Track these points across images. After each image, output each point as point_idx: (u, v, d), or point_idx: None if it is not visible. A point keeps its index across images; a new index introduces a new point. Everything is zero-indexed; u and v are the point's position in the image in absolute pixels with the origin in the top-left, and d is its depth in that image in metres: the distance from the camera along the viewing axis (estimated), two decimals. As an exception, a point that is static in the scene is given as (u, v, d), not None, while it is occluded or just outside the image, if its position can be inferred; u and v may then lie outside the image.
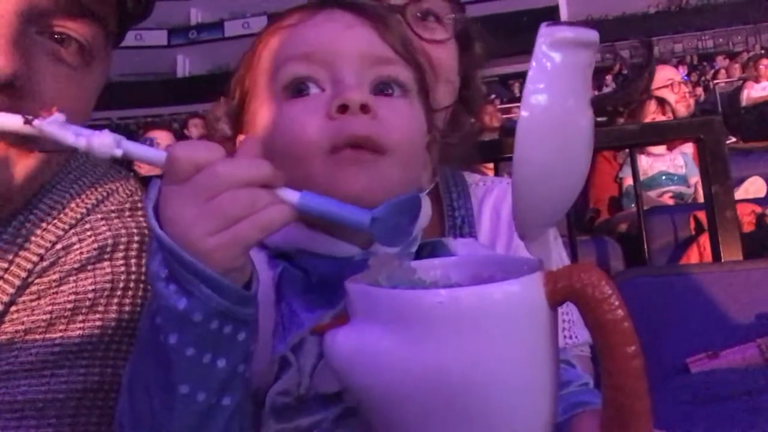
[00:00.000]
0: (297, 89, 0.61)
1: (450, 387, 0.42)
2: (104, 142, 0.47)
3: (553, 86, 0.43)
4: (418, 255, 0.63)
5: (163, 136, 3.89)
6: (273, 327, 0.56)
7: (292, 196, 0.48)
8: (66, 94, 0.59)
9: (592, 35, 0.43)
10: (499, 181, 1.00)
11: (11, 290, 0.60)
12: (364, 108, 0.57)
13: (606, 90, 8.35)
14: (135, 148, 0.48)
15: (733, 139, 3.86)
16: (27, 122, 0.49)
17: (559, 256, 0.82)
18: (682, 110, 3.30)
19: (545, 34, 0.43)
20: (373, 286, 0.46)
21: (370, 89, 0.61)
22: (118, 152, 0.48)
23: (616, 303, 0.41)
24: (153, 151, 0.48)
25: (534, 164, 0.43)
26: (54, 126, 0.48)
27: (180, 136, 4.25)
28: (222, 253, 0.45)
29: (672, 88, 3.33)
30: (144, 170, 2.68)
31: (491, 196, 0.96)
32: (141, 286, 0.67)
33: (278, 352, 0.55)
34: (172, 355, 0.46)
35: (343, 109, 0.57)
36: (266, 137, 0.61)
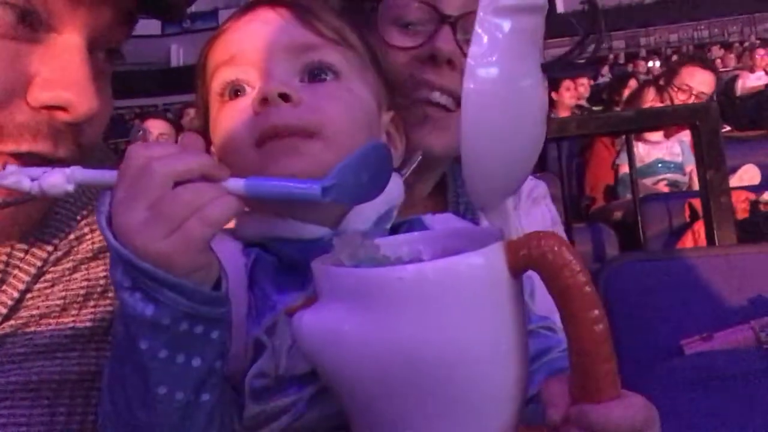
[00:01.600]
0: (234, 92, 0.62)
1: (413, 362, 0.42)
2: (55, 182, 0.48)
3: (499, 55, 0.42)
4: (395, 232, 0.63)
5: (158, 125, 3.87)
6: (246, 311, 0.57)
7: (237, 184, 0.48)
8: (110, 106, 0.61)
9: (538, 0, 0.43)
10: None
11: (27, 278, 0.62)
12: (284, 97, 0.58)
13: (602, 80, 8.34)
14: (87, 176, 0.49)
15: (728, 128, 3.87)
16: None
17: (521, 226, 0.83)
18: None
19: (489, 1, 0.42)
20: (336, 266, 0.46)
21: (301, 77, 0.61)
22: (70, 188, 0.48)
23: (577, 268, 0.41)
24: (106, 173, 0.49)
25: (482, 135, 0.43)
26: (12, 177, 0.49)
27: (176, 125, 4.23)
28: (179, 256, 0.45)
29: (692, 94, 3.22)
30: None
31: None
32: None
33: (252, 335, 0.56)
34: (146, 360, 0.46)
35: (264, 102, 0.58)
36: (214, 140, 0.64)
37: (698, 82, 3.24)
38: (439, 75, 0.75)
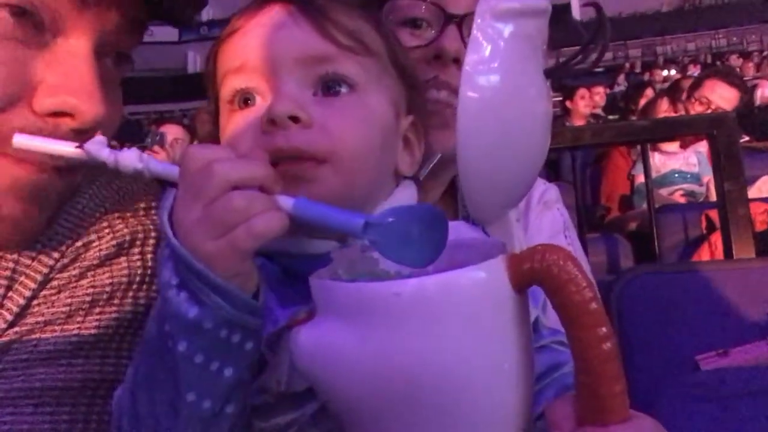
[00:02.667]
0: (243, 100, 0.60)
1: (411, 381, 0.40)
2: (130, 160, 0.51)
3: (499, 62, 0.40)
4: None
5: (173, 130, 3.91)
6: None
7: (286, 202, 0.48)
8: (119, 111, 0.61)
9: (541, 2, 0.41)
10: None
11: (33, 285, 0.62)
12: (295, 119, 0.55)
13: (618, 89, 8.29)
14: (157, 167, 0.51)
15: (747, 138, 3.82)
16: (78, 147, 0.52)
17: (524, 240, 0.80)
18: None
19: (488, 5, 0.41)
20: (333, 280, 0.45)
21: (314, 90, 0.58)
22: (140, 166, 0.51)
23: (583, 283, 0.39)
24: (174, 168, 0.50)
25: (481, 146, 0.41)
26: (96, 146, 0.52)
27: (192, 130, 4.27)
28: (222, 260, 0.45)
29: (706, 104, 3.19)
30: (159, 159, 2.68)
31: None
32: (156, 281, 0.68)
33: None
34: (180, 362, 0.46)
35: (273, 123, 0.55)
36: (222, 141, 0.62)
37: (718, 96, 3.19)
38: (446, 74, 0.74)
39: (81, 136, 0.55)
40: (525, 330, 0.43)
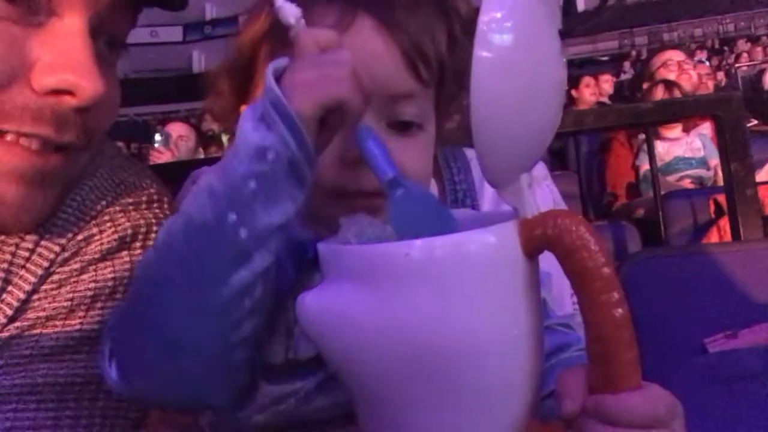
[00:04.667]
0: None
1: (419, 345, 0.40)
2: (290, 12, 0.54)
3: (515, 21, 0.39)
4: None
5: (178, 128, 3.95)
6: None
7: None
8: (115, 95, 0.61)
9: None
10: None
11: (33, 279, 0.61)
12: None
13: (624, 77, 8.21)
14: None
15: (755, 122, 3.78)
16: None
17: (536, 206, 0.79)
18: (687, 86, 3.26)
19: None
20: (342, 244, 0.44)
21: (387, 120, 0.59)
22: (293, 22, 0.54)
23: (596, 248, 0.38)
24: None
25: (495, 107, 0.39)
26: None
27: (197, 129, 4.29)
28: (306, 108, 0.48)
29: (669, 68, 3.30)
30: (164, 159, 2.70)
31: None
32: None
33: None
34: (234, 180, 0.48)
35: (356, 162, 0.55)
36: None
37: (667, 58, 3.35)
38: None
39: (83, 114, 0.55)
40: (535, 296, 0.42)
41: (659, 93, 3.07)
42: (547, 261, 0.45)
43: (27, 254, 0.62)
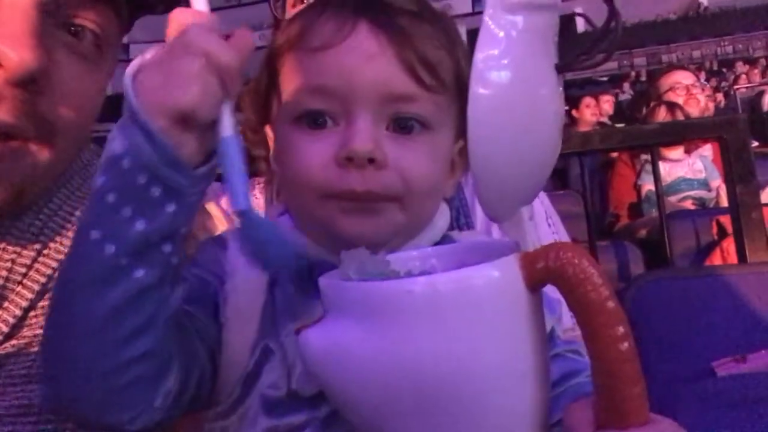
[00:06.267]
0: (313, 120, 0.58)
1: (423, 382, 0.39)
2: None
3: (511, 57, 0.39)
4: None
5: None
6: (263, 307, 0.56)
7: (227, 128, 0.48)
8: (82, 86, 0.59)
9: None
10: None
11: (30, 295, 0.60)
12: (372, 160, 0.55)
13: (623, 97, 8.26)
14: None
15: (756, 144, 3.79)
16: None
17: (537, 238, 0.79)
18: (694, 111, 3.27)
19: None
20: (343, 280, 0.44)
21: (386, 123, 0.57)
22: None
23: (599, 281, 0.38)
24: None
25: (493, 143, 0.40)
26: None
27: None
28: (160, 114, 0.45)
29: (677, 92, 3.30)
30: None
31: None
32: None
33: (264, 337, 0.55)
34: (94, 198, 0.46)
35: (350, 161, 0.55)
36: (279, 156, 0.61)
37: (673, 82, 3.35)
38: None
39: (25, 93, 0.53)
40: (539, 330, 0.42)
41: (661, 114, 3.08)
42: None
43: (24, 270, 0.61)
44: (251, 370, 0.55)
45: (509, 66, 0.40)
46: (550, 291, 0.45)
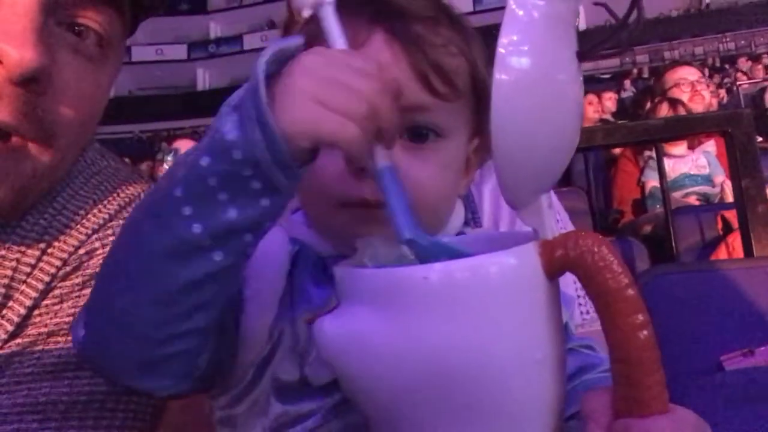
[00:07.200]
0: None
1: (439, 369, 0.39)
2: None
3: (532, 43, 0.39)
4: None
5: (188, 145, 3.98)
6: (281, 293, 0.56)
7: (381, 159, 0.47)
8: (84, 87, 0.59)
9: None
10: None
11: (35, 294, 0.60)
12: None
13: (625, 95, 8.25)
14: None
15: (760, 140, 3.78)
16: None
17: (556, 225, 0.78)
18: (698, 108, 3.26)
19: None
20: (358, 268, 0.44)
21: (400, 133, 0.57)
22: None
23: (619, 269, 0.38)
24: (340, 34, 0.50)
25: (515, 129, 0.40)
26: None
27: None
28: (293, 122, 0.44)
29: (681, 88, 3.29)
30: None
31: (489, 179, 0.96)
32: None
33: (279, 323, 0.55)
34: (194, 176, 0.45)
35: (362, 171, 0.55)
36: None
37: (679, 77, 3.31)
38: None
39: (26, 93, 0.53)
40: (557, 317, 0.42)
41: (664, 110, 3.08)
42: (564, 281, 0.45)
43: (29, 269, 0.61)
44: (266, 355, 0.55)
45: (531, 51, 0.40)
46: (563, 286, 0.46)
